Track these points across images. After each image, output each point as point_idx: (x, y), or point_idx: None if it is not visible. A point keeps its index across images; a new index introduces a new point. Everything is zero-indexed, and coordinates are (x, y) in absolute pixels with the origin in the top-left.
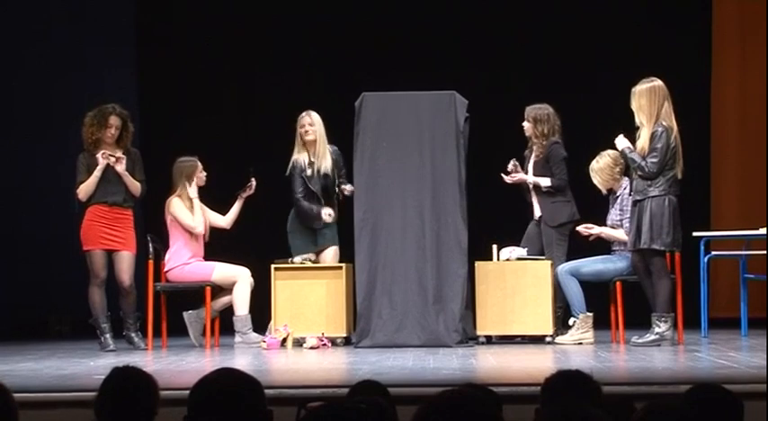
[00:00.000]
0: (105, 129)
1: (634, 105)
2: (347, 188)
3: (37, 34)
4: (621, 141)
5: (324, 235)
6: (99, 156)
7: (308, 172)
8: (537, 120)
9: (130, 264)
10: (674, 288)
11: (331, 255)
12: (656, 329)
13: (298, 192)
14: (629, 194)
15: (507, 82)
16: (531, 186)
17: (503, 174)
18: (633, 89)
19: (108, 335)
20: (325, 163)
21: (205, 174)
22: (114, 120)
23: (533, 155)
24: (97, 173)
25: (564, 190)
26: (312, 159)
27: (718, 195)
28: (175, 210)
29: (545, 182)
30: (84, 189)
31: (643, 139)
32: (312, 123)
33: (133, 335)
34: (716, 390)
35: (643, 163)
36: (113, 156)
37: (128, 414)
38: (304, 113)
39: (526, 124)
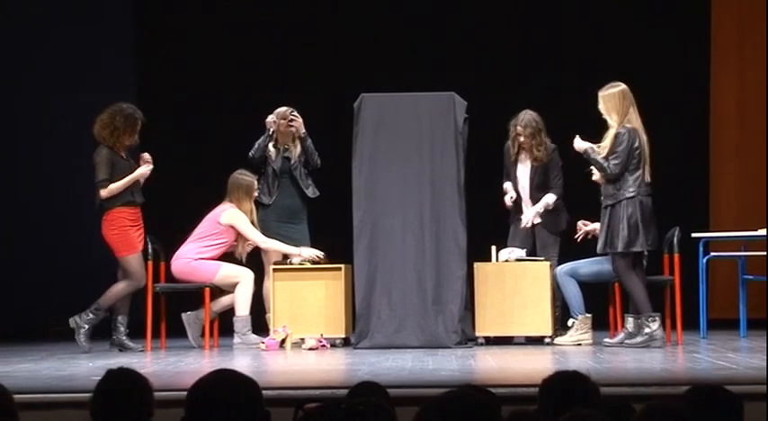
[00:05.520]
0: (133, 137)
1: (604, 107)
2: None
3: (37, 34)
4: (581, 143)
5: (293, 233)
6: (145, 164)
7: (272, 152)
8: (534, 132)
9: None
10: (644, 286)
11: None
12: (646, 330)
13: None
14: None
15: (506, 83)
16: (527, 200)
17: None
18: (601, 93)
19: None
20: (293, 150)
21: (257, 192)
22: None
23: (529, 161)
24: (133, 178)
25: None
26: (278, 146)
27: (717, 196)
28: (243, 221)
29: (551, 199)
30: (113, 190)
31: (608, 140)
32: (295, 119)
33: (126, 338)
34: (715, 390)
35: (605, 164)
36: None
37: (122, 415)
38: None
39: (525, 140)
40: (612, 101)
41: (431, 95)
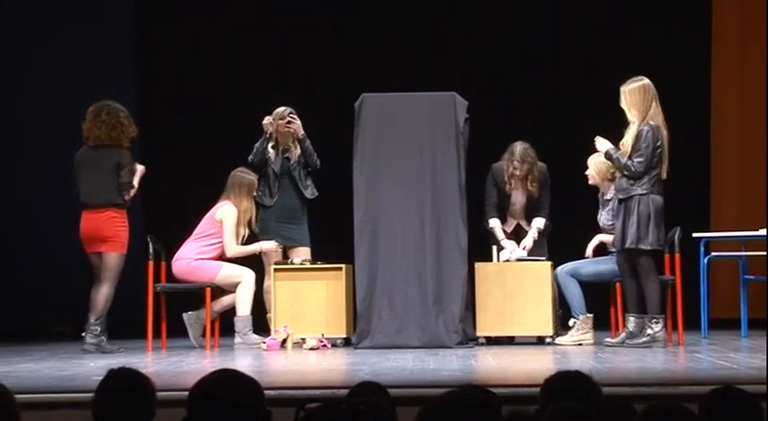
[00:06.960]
0: (133, 128)
1: (625, 103)
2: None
3: (37, 35)
4: (603, 143)
5: (292, 233)
6: (142, 167)
7: (271, 153)
8: (530, 166)
9: None
10: (660, 288)
11: (302, 254)
12: (649, 330)
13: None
14: None
15: (507, 83)
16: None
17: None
18: (622, 88)
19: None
20: (293, 151)
21: (259, 194)
22: None
23: (525, 189)
24: (140, 178)
25: None
26: (278, 147)
27: (718, 196)
28: (229, 222)
29: (541, 223)
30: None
31: (629, 136)
32: (294, 120)
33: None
34: (735, 392)
35: (629, 163)
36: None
37: (124, 415)
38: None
39: (521, 173)
40: (633, 96)
41: (432, 95)
